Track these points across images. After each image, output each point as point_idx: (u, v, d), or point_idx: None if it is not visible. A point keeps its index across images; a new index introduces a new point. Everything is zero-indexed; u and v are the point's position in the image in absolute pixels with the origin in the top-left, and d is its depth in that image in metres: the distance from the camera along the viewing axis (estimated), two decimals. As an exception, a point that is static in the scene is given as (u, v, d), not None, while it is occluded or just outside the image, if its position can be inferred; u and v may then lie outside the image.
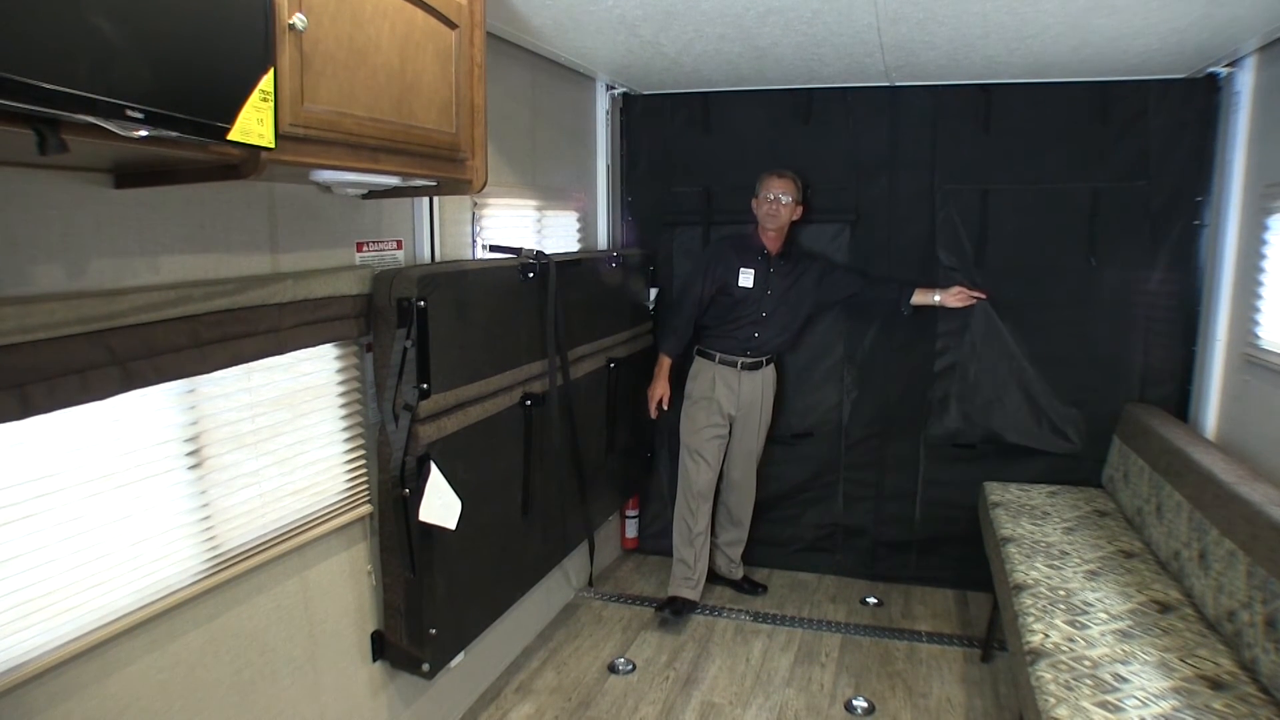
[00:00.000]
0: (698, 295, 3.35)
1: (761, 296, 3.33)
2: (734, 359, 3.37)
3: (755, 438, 3.51)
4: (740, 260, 3.35)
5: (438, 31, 1.73)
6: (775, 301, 3.35)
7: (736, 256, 3.35)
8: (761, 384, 3.43)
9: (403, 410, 2.09)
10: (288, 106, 1.34)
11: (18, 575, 1.40)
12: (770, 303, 3.34)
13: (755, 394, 3.41)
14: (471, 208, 2.64)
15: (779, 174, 3.31)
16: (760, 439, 3.53)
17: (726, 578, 3.67)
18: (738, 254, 3.36)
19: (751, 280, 3.32)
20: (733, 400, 3.38)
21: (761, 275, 3.33)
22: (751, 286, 3.32)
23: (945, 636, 3.26)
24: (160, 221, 1.59)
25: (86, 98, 0.95)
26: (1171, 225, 3.18)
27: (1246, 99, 2.85)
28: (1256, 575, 1.93)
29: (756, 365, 3.39)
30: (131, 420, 1.58)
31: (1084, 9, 2.27)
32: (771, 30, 2.58)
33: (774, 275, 3.34)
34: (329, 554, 2.11)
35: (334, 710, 2.15)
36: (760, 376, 3.42)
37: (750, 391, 3.40)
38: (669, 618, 3.33)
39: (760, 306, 3.33)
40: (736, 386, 3.38)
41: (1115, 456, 3.16)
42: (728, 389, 3.38)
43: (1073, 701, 1.84)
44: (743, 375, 3.38)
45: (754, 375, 3.40)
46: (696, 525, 3.43)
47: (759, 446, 3.55)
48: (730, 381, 3.38)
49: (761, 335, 3.37)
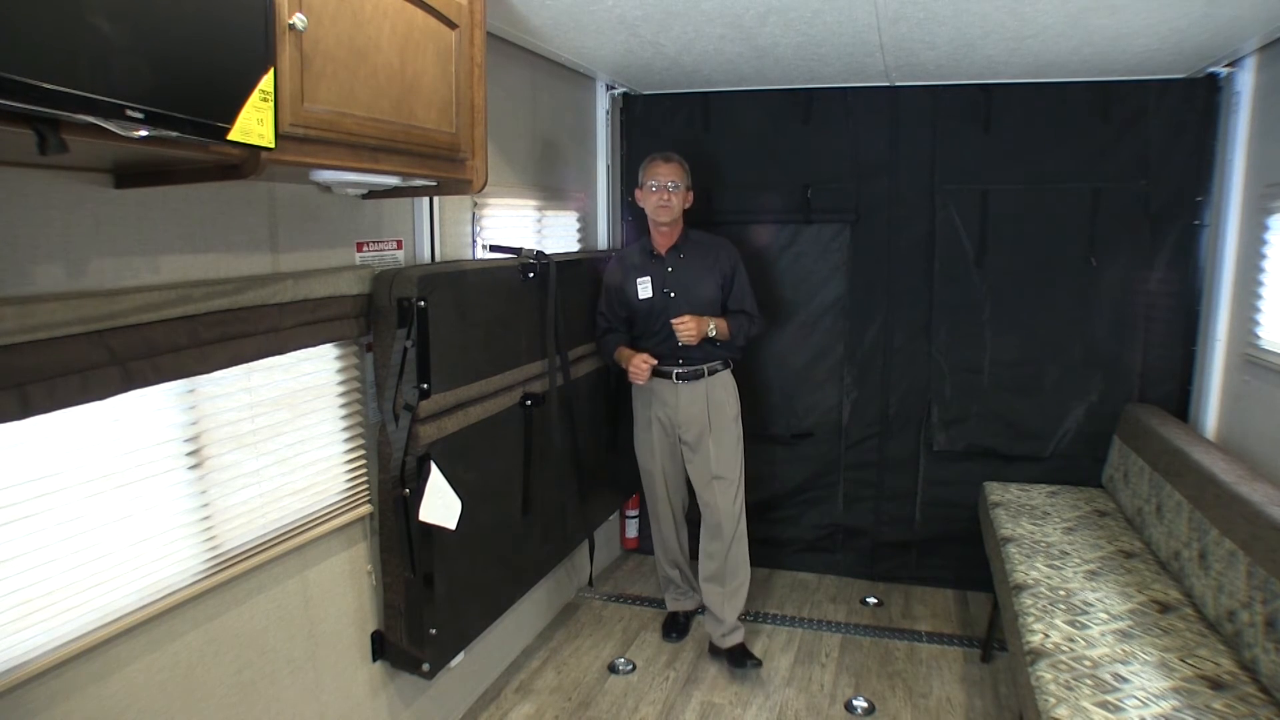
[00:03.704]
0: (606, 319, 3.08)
1: (666, 304, 2.95)
2: (667, 369, 2.97)
3: (712, 459, 3.00)
4: (634, 270, 3.01)
5: (438, 31, 1.73)
6: (682, 304, 2.94)
7: (631, 268, 3.02)
8: (706, 396, 2.98)
9: (403, 410, 2.09)
10: (288, 106, 1.34)
11: (18, 575, 1.40)
12: (678, 306, 2.93)
13: (698, 407, 2.99)
14: (471, 208, 2.64)
15: (665, 157, 2.95)
16: (724, 462, 3.00)
17: (714, 645, 3.08)
18: (630, 265, 3.03)
19: (650, 288, 2.98)
20: (672, 415, 3.01)
21: (659, 280, 2.97)
22: (652, 296, 2.97)
23: (945, 636, 3.26)
24: (160, 221, 1.59)
25: (86, 98, 0.95)
26: (1171, 225, 3.18)
27: (1246, 99, 2.85)
28: (1256, 575, 1.93)
29: (695, 375, 2.97)
30: (131, 420, 1.58)
31: (1084, 9, 2.27)
32: (771, 30, 2.58)
33: (672, 275, 2.97)
34: (329, 554, 2.11)
35: (334, 710, 2.15)
36: (703, 387, 2.98)
37: (692, 405, 2.98)
38: (675, 639, 3.22)
39: (669, 313, 2.92)
40: (674, 401, 2.99)
41: (1115, 456, 3.16)
42: (663, 404, 3.02)
43: (1073, 701, 1.84)
44: (680, 388, 2.98)
45: (694, 387, 2.98)
46: (666, 549, 3.23)
47: (730, 471, 3.01)
48: (666, 396, 3.01)
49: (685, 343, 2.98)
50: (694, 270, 2.99)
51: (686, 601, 3.32)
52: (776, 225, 3.63)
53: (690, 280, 2.98)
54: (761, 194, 3.63)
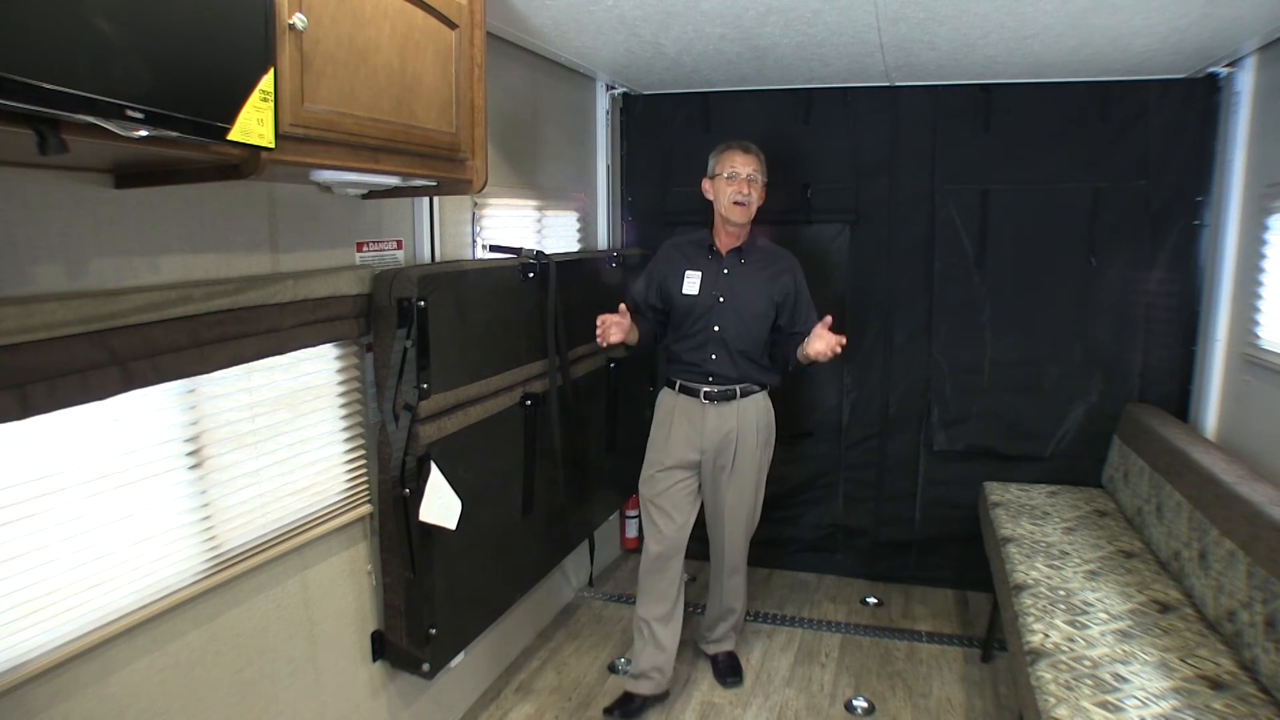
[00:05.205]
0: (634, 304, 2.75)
1: (712, 306, 2.64)
2: (695, 387, 2.67)
3: (730, 488, 2.71)
4: (686, 261, 2.71)
5: (438, 31, 1.73)
6: (729, 312, 2.63)
7: (682, 259, 2.73)
8: (738, 421, 2.66)
9: (403, 410, 2.09)
10: (288, 106, 1.34)
11: (18, 575, 1.40)
12: (723, 314, 2.63)
13: (727, 433, 2.66)
14: (471, 208, 2.64)
15: (744, 146, 2.64)
16: (747, 495, 2.74)
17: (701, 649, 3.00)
18: (683, 254, 2.74)
19: (697, 286, 2.65)
20: (695, 441, 2.68)
21: (710, 280, 2.66)
22: (697, 294, 2.65)
23: (945, 636, 3.26)
24: (160, 221, 1.59)
25: (86, 98, 0.95)
26: (1171, 225, 3.18)
27: (1246, 99, 2.85)
28: (1256, 575, 1.93)
29: (726, 396, 2.66)
30: (132, 420, 1.58)
31: (1084, 9, 2.27)
32: (771, 30, 2.58)
33: (727, 278, 2.66)
34: (329, 554, 2.11)
35: (334, 710, 2.15)
36: (734, 410, 2.66)
37: (719, 430, 2.66)
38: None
39: (711, 319, 2.64)
40: (700, 424, 2.67)
41: (1115, 456, 3.16)
42: (689, 426, 2.68)
43: (1073, 701, 1.84)
44: (708, 410, 2.66)
45: (724, 409, 2.66)
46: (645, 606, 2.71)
47: (747, 505, 2.76)
48: (692, 417, 2.68)
49: (720, 357, 2.65)
50: (753, 279, 2.67)
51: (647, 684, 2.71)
52: (776, 225, 3.63)
53: (745, 289, 2.65)
54: None
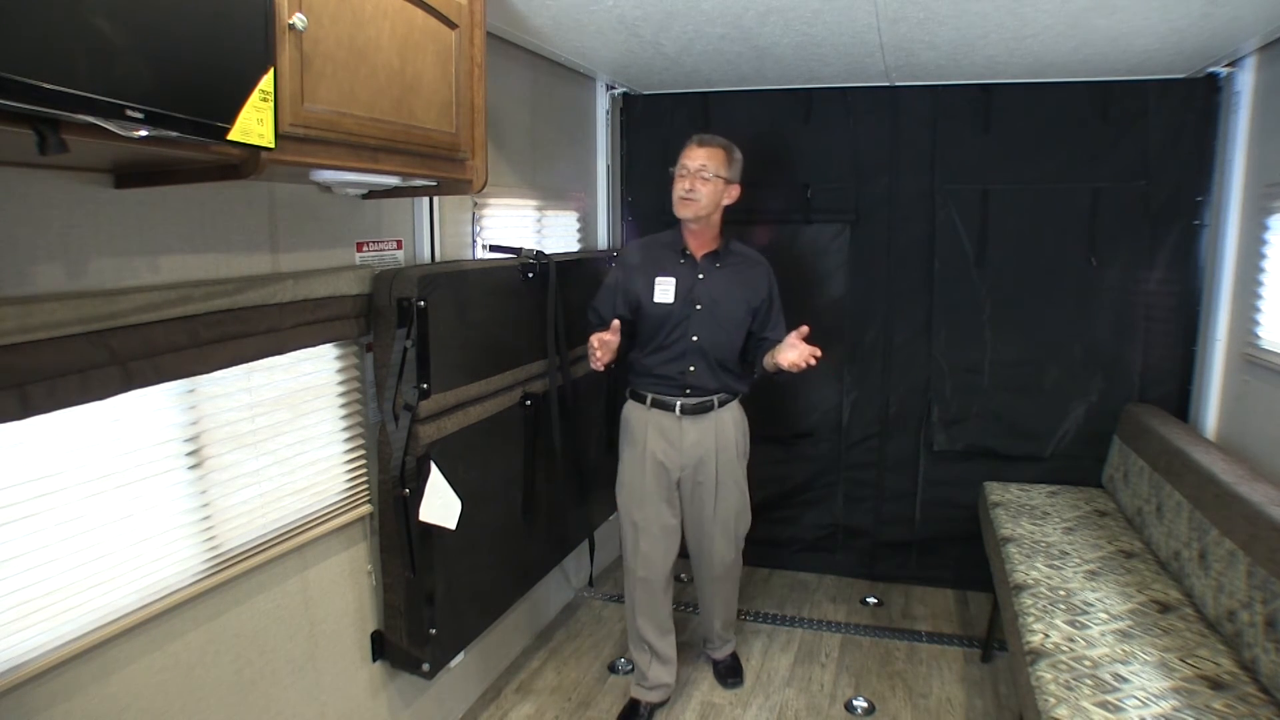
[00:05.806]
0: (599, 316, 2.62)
1: (688, 316, 2.51)
2: (670, 400, 2.55)
3: (713, 502, 2.61)
4: (655, 267, 2.55)
5: (438, 31, 1.73)
6: (707, 320, 2.52)
7: (649, 264, 2.56)
8: (715, 432, 2.57)
9: (403, 410, 2.09)
10: (288, 106, 1.34)
11: (18, 575, 1.40)
12: (701, 322, 2.51)
13: (706, 446, 2.57)
14: (471, 208, 2.64)
15: (700, 140, 2.50)
16: (732, 504, 2.65)
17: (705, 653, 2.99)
18: (651, 258, 2.58)
19: (671, 293, 2.51)
20: (673, 456, 2.57)
21: (685, 287, 2.51)
22: (672, 302, 2.51)
23: (945, 636, 3.26)
24: (160, 221, 1.59)
25: (86, 98, 0.95)
26: (1171, 225, 3.18)
27: (1246, 99, 2.85)
28: (1256, 575, 1.93)
29: (703, 408, 2.55)
30: (131, 420, 1.58)
31: (1084, 9, 2.27)
32: (771, 30, 2.58)
33: (703, 285, 2.52)
34: (329, 554, 2.11)
35: (334, 710, 2.15)
36: (712, 422, 2.57)
37: (699, 444, 2.56)
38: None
39: (689, 328, 2.51)
40: (678, 439, 2.56)
41: (1115, 456, 3.16)
42: (665, 441, 2.56)
43: (1073, 701, 1.84)
44: (684, 423, 2.55)
45: (701, 422, 2.56)
46: (642, 625, 2.65)
47: (733, 515, 2.67)
48: (668, 431, 2.56)
49: (699, 368, 2.54)
50: (730, 286, 2.55)
51: (658, 690, 2.72)
52: (776, 225, 3.63)
53: (723, 297, 2.54)
54: (761, 194, 3.62)
